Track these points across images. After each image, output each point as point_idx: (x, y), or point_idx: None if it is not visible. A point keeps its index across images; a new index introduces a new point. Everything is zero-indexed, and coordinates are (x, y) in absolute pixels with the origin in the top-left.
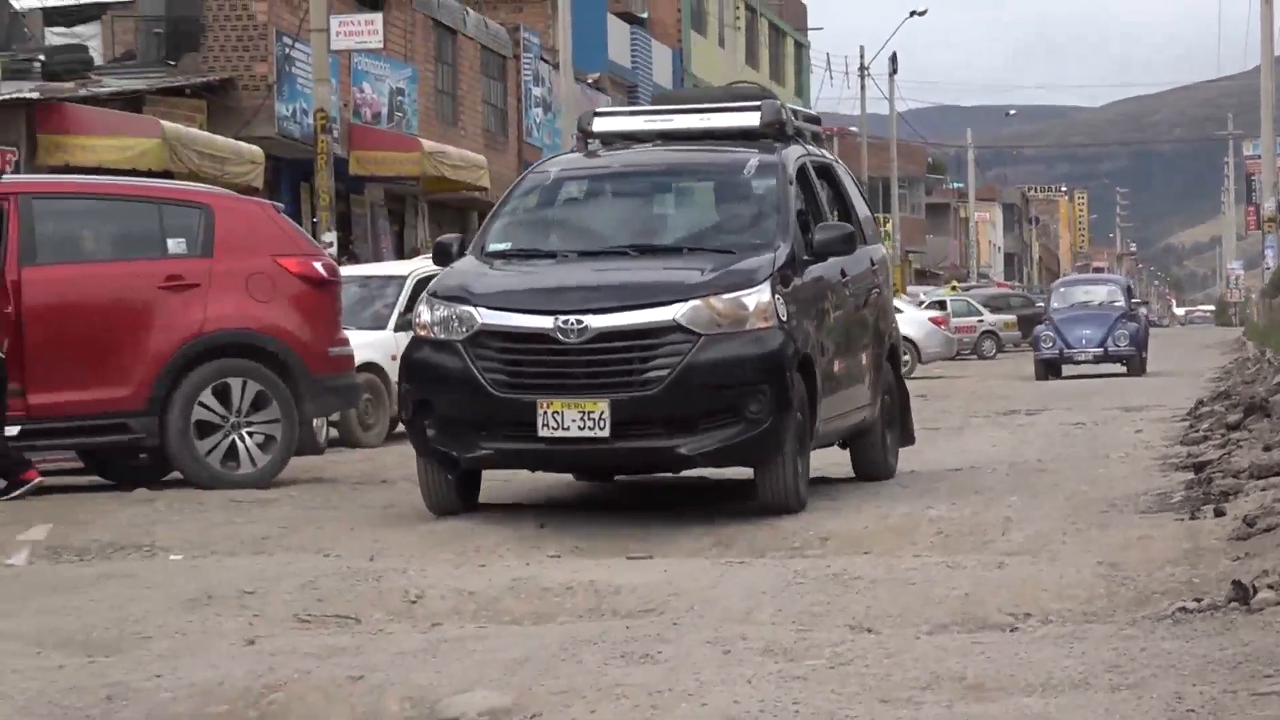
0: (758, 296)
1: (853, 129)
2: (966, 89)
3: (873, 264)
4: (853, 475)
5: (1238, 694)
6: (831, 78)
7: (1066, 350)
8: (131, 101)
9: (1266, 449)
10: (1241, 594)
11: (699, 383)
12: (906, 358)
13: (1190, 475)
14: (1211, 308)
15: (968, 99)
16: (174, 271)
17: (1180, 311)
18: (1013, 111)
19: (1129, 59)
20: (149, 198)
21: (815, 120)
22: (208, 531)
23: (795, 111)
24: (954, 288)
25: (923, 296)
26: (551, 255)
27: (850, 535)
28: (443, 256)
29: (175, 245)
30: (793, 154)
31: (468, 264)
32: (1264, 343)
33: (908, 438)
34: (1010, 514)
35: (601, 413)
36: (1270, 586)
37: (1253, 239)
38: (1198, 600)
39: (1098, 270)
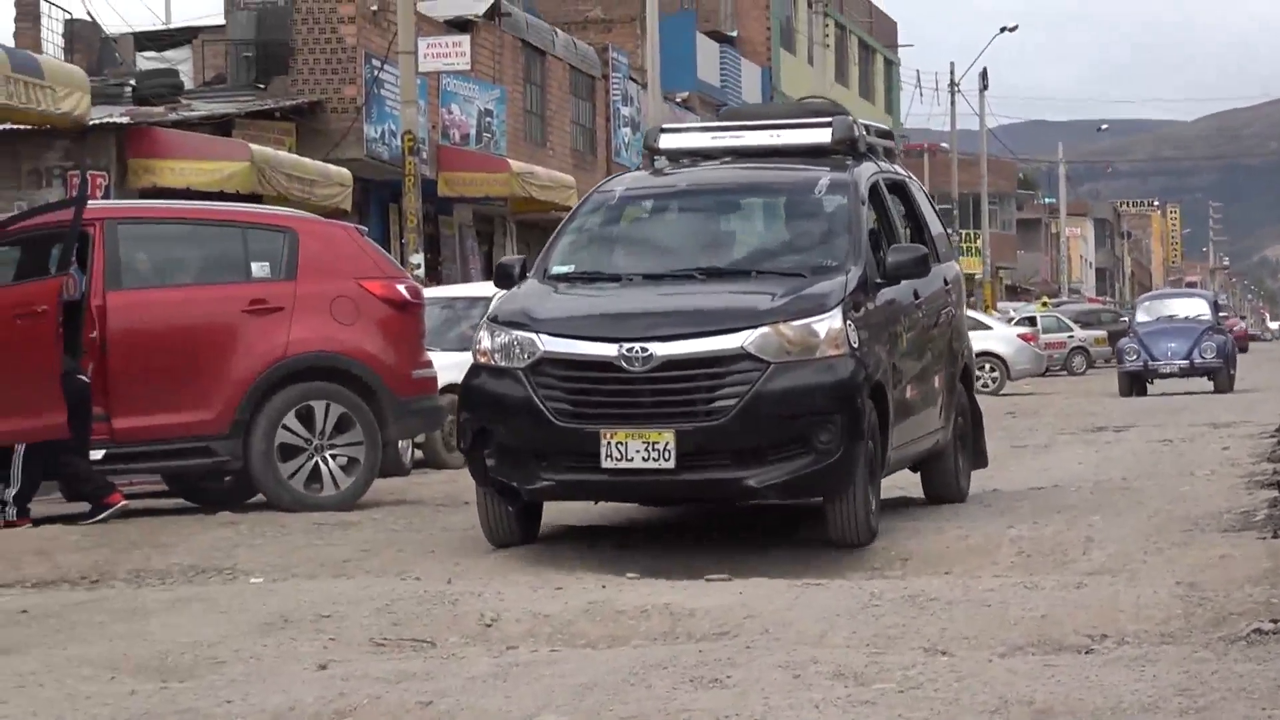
0: (829, 323)
1: (943, 145)
2: (1057, 104)
3: (946, 283)
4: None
5: None
6: (921, 94)
7: (1151, 363)
8: (221, 125)
9: None
10: None
11: (768, 412)
12: (995, 374)
13: (1275, 493)
14: None
15: (1058, 114)
16: (258, 295)
17: (1275, 325)
18: (1104, 126)
19: (1221, 72)
20: (232, 222)
21: (888, 135)
22: (289, 555)
23: (867, 126)
24: (1045, 304)
25: (1012, 312)
26: (616, 279)
27: (930, 555)
28: (504, 279)
29: (259, 269)
30: (865, 172)
31: (530, 287)
32: None
33: (980, 460)
34: (1092, 533)
35: (667, 444)
36: None
37: None
38: (1274, 621)
39: (1190, 285)
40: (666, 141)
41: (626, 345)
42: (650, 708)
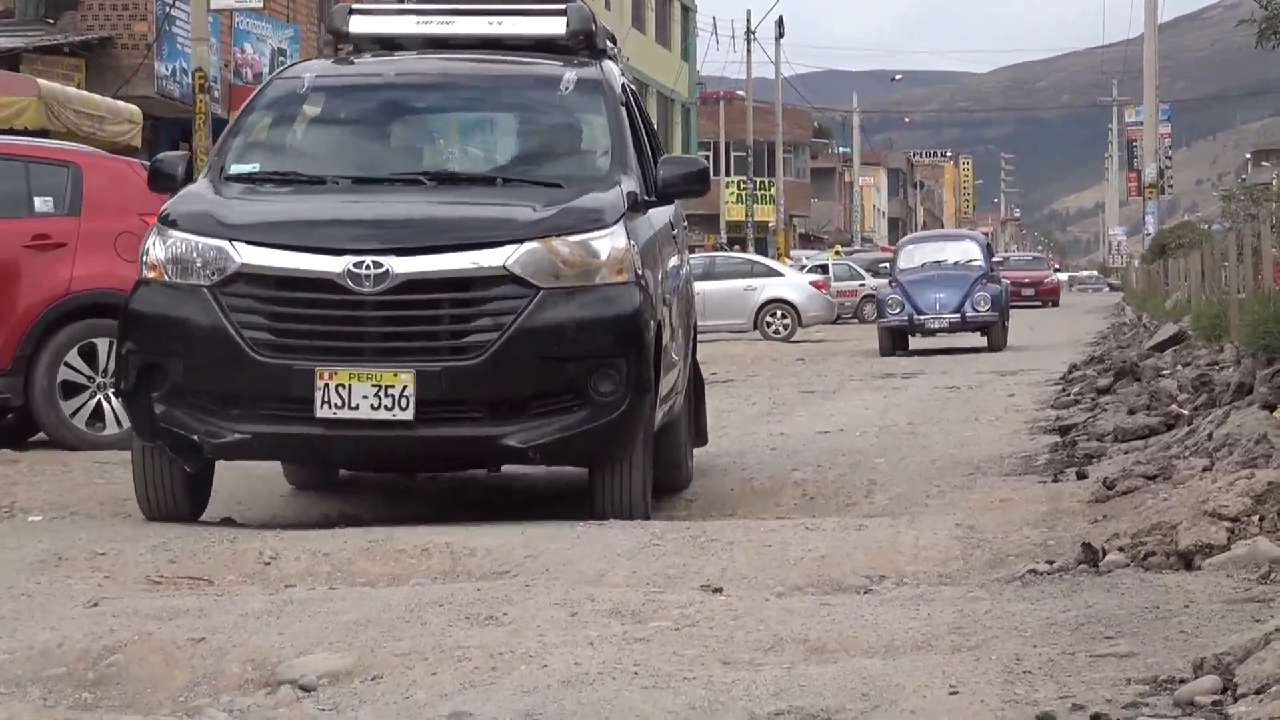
0: (611, 241)
1: (739, 93)
2: (853, 54)
3: (682, 221)
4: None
5: (1076, 655)
6: (718, 42)
7: (917, 317)
8: (9, 60)
9: (1131, 412)
10: (1090, 556)
11: (534, 353)
12: (787, 321)
13: (1056, 438)
14: (1095, 272)
15: (854, 64)
16: (40, 230)
17: (1063, 276)
18: (899, 77)
19: (1016, 25)
20: (15, 156)
21: (612, 38)
22: (69, 493)
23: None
24: (838, 252)
25: (805, 260)
26: (320, 181)
27: (715, 497)
28: (163, 181)
29: (42, 204)
30: (613, 69)
31: (205, 189)
32: (1142, 307)
33: (701, 436)
34: (875, 476)
35: (404, 388)
36: (1120, 549)
37: (1135, 205)
38: (1050, 563)
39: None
40: (358, 25)
41: (354, 259)
42: (425, 644)
